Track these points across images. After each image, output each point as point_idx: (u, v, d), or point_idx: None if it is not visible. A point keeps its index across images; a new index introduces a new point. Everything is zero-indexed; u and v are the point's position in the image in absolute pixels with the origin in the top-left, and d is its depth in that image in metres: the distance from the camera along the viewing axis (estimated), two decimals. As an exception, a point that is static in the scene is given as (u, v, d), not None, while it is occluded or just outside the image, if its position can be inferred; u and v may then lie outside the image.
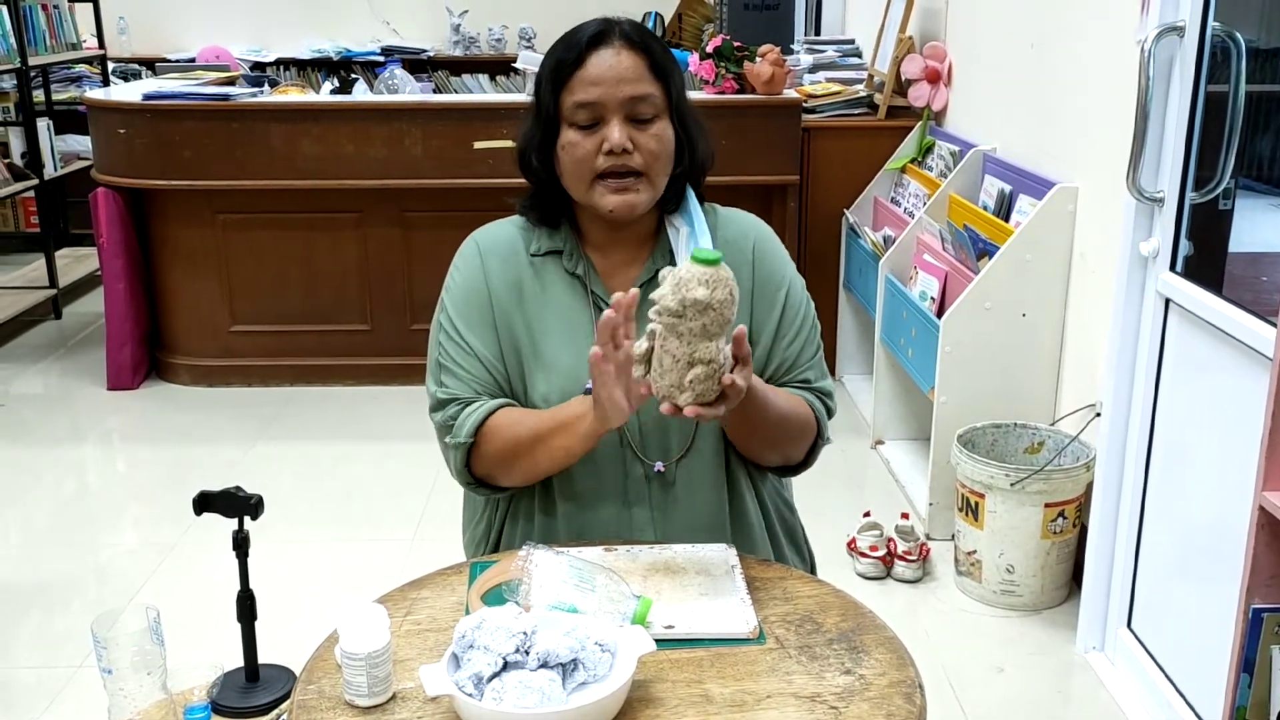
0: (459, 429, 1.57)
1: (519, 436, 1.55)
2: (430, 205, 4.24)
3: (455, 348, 1.61)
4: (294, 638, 1.69)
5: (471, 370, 1.59)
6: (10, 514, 3.47)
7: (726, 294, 1.31)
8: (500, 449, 1.56)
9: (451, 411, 1.59)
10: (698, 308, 1.30)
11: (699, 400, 1.34)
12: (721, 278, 1.32)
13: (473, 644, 1.21)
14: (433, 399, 1.62)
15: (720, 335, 1.34)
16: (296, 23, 7.12)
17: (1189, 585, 2.36)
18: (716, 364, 1.33)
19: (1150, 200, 2.41)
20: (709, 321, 1.31)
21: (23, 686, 2.59)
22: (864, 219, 4.21)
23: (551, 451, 1.53)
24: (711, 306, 1.30)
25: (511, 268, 1.63)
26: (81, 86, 6.26)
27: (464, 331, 1.61)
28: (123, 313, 4.33)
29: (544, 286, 1.62)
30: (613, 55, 1.54)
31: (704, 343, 1.32)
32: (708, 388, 1.34)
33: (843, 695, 1.23)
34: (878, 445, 3.83)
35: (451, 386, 1.60)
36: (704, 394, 1.34)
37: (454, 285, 1.65)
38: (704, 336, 1.32)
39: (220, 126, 4.12)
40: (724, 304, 1.31)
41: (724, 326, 1.33)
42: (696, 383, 1.33)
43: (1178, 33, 2.32)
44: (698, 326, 1.31)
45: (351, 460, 3.80)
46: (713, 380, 1.33)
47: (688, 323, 1.31)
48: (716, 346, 1.33)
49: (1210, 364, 2.26)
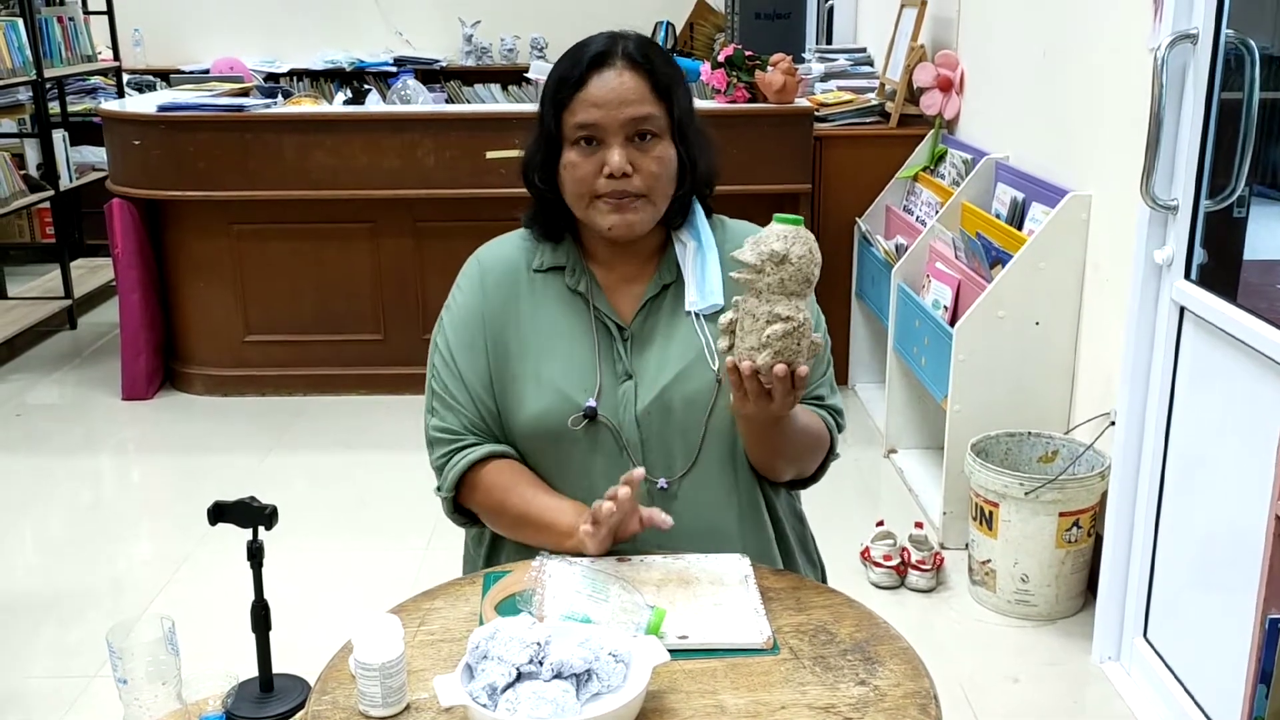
0: (444, 481, 1.62)
1: (505, 508, 1.58)
2: (443, 215, 4.25)
3: (449, 374, 1.63)
4: (309, 647, 1.69)
5: (461, 402, 1.62)
6: (26, 523, 3.49)
7: (805, 250, 1.32)
8: (484, 506, 1.61)
9: (439, 457, 1.63)
10: (774, 259, 1.31)
11: (780, 359, 1.33)
12: (800, 235, 1.33)
13: (486, 654, 1.21)
14: (427, 434, 1.66)
15: (800, 295, 1.34)
16: (310, 34, 7.16)
17: (1206, 595, 2.34)
18: (796, 322, 1.32)
19: (1164, 208, 2.40)
20: (787, 276, 1.32)
21: (38, 696, 2.60)
22: (876, 227, 4.20)
23: (528, 537, 1.57)
24: (789, 260, 1.31)
25: (510, 286, 1.63)
26: (97, 98, 6.30)
27: (458, 357, 1.63)
28: (137, 323, 4.35)
29: (542, 303, 1.62)
30: (615, 76, 1.53)
31: (783, 299, 1.32)
32: (786, 345, 1.33)
33: (857, 706, 1.22)
34: (891, 454, 3.82)
35: (446, 421, 1.63)
36: (784, 352, 1.33)
37: (454, 306, 1.66)
38: (783, 292, 1.32)
39: (234, 137, 4.14)
40: (802, 260, 1.32)
41: (803, 285, 1.33)
42: (774, 339, 1.32)
43: (1191, 40, 2.31)
44: (775, 282, 1.32)
45: (365, 469, 3.81)
46: (792, 339, 1.32)
47: (766, 278, 1.32)
48: (796, 305, 1.33)
49: (1225, 372, 2.25)
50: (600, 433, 1.58)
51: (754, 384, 1.37)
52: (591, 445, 1.58)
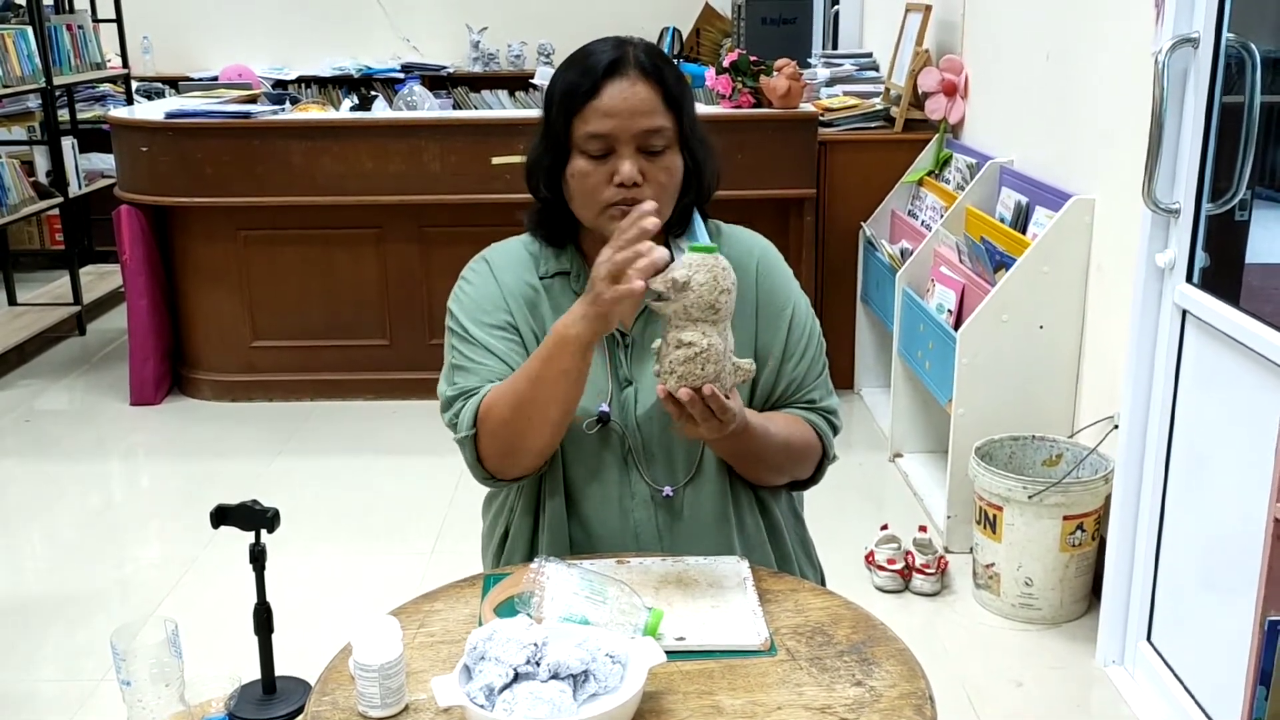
0: (461, 423, 1.56)
1: (517, 392, 1.50)
2: (449, 220, 4.26)
3: (467, 345, 1.60)
4: (313, 650, 1.70)
5: (485, 361, 1.58)
6: (35, 528, 3.51)
7: (707, 278, 1.34)
8: (502, 419, 1.52)
9: (456, 407, 1.58)
10: (675, 288, 1.34)
11: (684, 383, 1.36)
12: (705, 263, 1.35)
13: (484, 655, 1.21)
14: (442, 399, 1.61)
15: (706, 322, 1.36)
16: (318, 41, 7.19)
17: (1209, 598, 2.34)
18: (699, 348, 1.35)
19: (1166, 212, 2.41)
20: (689, 304, 1.35)
21: (45, 699, 2.62)
22: (881, 232, 4.21)
23: (553, 385, 1.47)
24: (690, 287, 1.34)
25: (525, 285, 1.63)
26: (106, 105, 6.34)
27: (476, 331, 1.60)
28: (145, 329, 4.37)
29: (558, 307, 1.62)
30: (628, 86, 1.52)
31: (689, 325, 1.36)
32: (690, 370, 1.35)
33: (853, 707, 1.23)
34: (896, 458, 3.82)
35: (462, 382, 1.58)
36: (686, 377, 1.36)
37: (464, 296, 1.64)
38: (688, 319, 1.36)
39: (241, 144, 4.16)
40: (703, 287, 1.34)
41: (707, 312, 1.35)
42: (676, 364, 1.36)
43: (1192, 44, 2.32)
44: (679, 308, 1.35)
45: (371, 474, 3.82)
46: (695, 364, 1.35)
47: (671, 304, 1.35)
48: (702, 331, 1.36)
49: (1227, 376, 2.25)
50: (610, 437, 1.59)
51: (672, 406, 1.38)
52: (601, 449, 1.60)
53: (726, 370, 1.38)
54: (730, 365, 1.39)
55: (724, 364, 1.37)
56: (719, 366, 1.36)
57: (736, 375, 1.40)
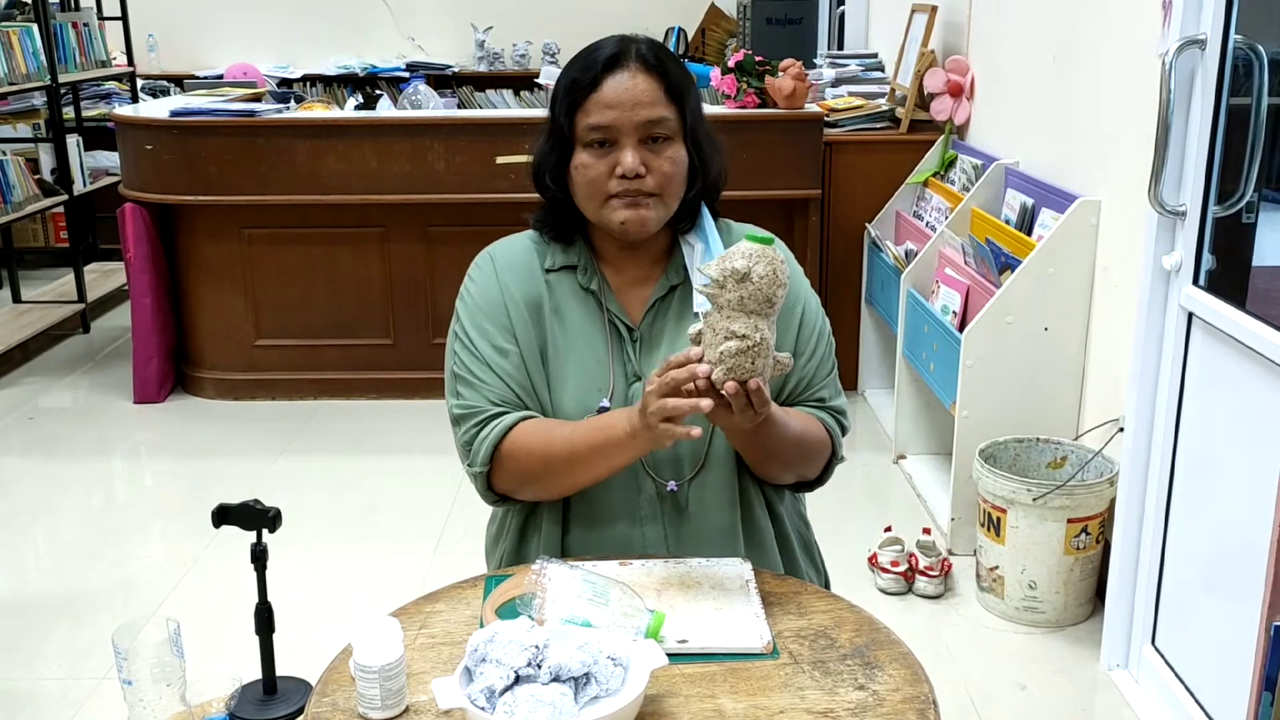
0: (475, 455, 1.57)
1: (551, 454, 1.53)
2: (453, 220, 4.26)
3: (470, 357, 1.60)
4: (314, 650, 1.70)
5: (487, 380, 1.58)
6: (38, 526, 3.51)
7: (768, 270, 1.32)
8: (526, 469, 1.54)
9: (468, 432, 1.58)
10: (736, 277, 1.32)
11: (732, 375, 1.34)
12: (765, 254, 1.33)
13: (485, 657, 1.21)
14: (450, 414, 1.62)
15: (760, 315, 1.34)
16: (323, 40, 7.20)
17: (1214, 602, 2.33)
18: (751, 341, 1.33)
19: (1172, 214, 2.40)
20: (746, 295, 1.32)
21: (47, 698, 2.62)
22: (886, 233, 4.20)
23: (594, 470, 1.52)
24: (750, 279, 1.32)
25: (528, 283, 1.63)
26: (111, 103, 6.34)
27: (478, 341, 1.60)
28: (149, 327, 4.37)
29: (561, 303, 1.62)
30: (628, 78, 1.54)
31: (741, 317, 1.33)
32: (739, 363, 1.33)
33: (856, 711, 1.22)
34: (899, 460, 3.81)
35: (468, 398, 1.59)
36: (736, 369, 1.34)
37: (469, 296, 1.65)
38: (742, 310, 1.33)
39: (246, 142, 4.16)
40: (763, 279, 1.32)
41: (763, 305, 1.34)
42: (727, 356, 1.33)
43: (1199, 45, 2.31)
44: (735, 299, 1.33)
45: (374, 474, 3.82)
46: (745, 357, 1.33)
47: (726, 294, 1.33)
48: (755, 324, 1.33)
49: (1233, 378, 2.24)
50: None
51: (713, 396, 1.37)
52: None
53: (770, 364, 1.37)
54: (772, 359, 1.38)
55: (770, 358, 1.36)
56: (766, 360, 1.35)
57: (775, 368, 1.39)
